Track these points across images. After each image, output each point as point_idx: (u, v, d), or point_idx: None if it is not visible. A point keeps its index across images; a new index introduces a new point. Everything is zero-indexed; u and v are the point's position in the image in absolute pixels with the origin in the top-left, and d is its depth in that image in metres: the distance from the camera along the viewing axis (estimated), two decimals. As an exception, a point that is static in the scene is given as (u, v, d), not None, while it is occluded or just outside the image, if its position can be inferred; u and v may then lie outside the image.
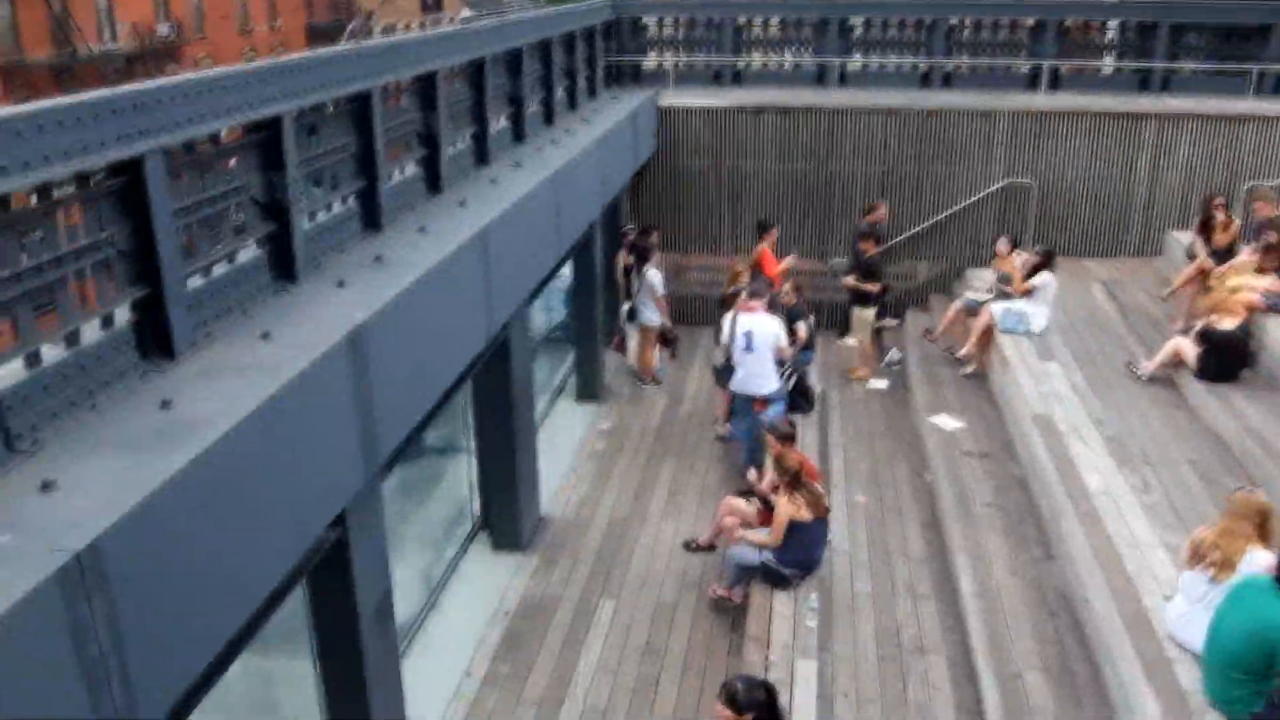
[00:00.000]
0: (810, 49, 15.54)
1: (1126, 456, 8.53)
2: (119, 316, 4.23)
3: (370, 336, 5.09)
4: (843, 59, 15.30)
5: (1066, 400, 9.65)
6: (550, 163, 9.17)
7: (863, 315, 12.44)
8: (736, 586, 8.30)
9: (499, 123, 9.33)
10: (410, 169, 7.46)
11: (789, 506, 7.75)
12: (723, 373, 10.36)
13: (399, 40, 7.82)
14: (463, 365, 7.14)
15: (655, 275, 12.25)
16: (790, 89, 15.00)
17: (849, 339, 13.00)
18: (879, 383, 12.42)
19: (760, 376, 9.80)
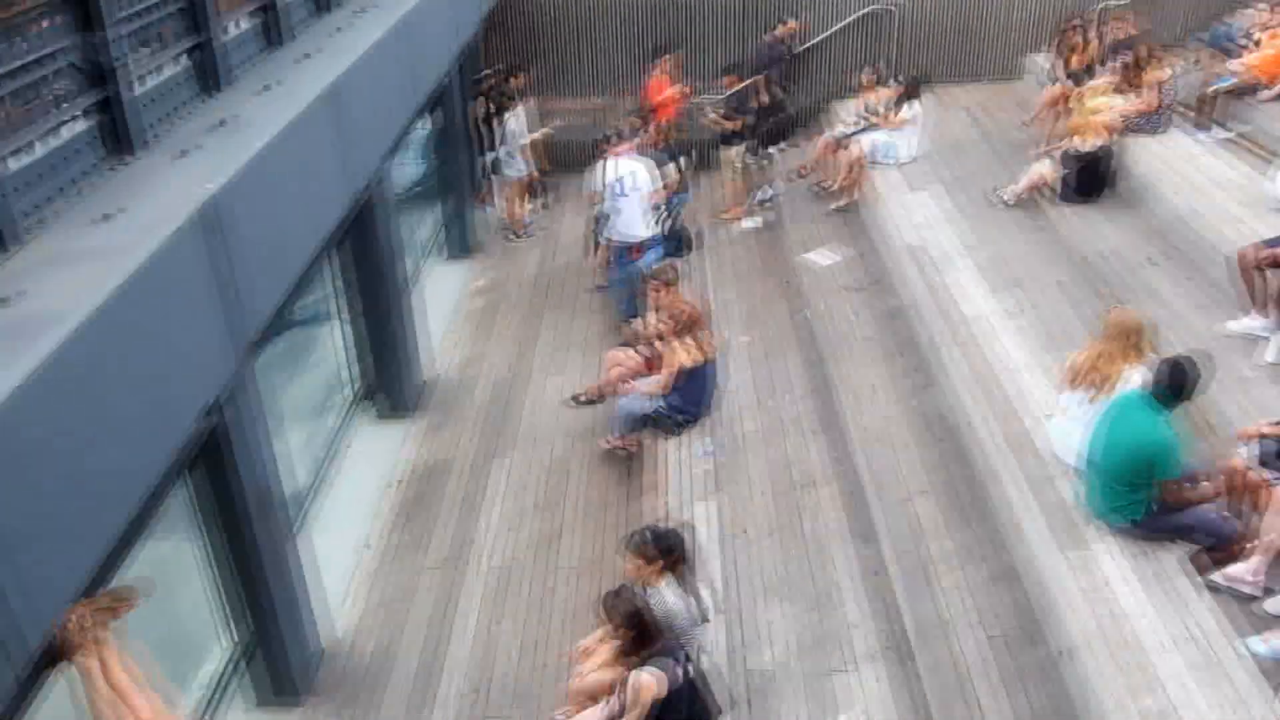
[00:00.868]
0: None
1: (998, 282, 8.75)
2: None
3: (223, 209, 4.67)
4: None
5: (938, 228, 9.80)
6: (398, 8, 8.52)
7: (727, 154, 12.28)
8: (629, 435, 8.31)
9: (339, -35, 8.57)
10: (246, 22, 6.80)
11: (678, 352, 7.71)
12: (597, 221, 10.12)
13: None
14: (326, 231, 6.72)
15: (516, 123, 11.77)
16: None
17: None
18: (752, 222, 12.32)
19: (634, 223, 9.61)
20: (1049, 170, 9.97)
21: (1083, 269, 8.93)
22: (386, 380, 8.99)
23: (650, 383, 8.01)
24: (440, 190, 12.11)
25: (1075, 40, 11.95)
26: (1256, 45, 10.67)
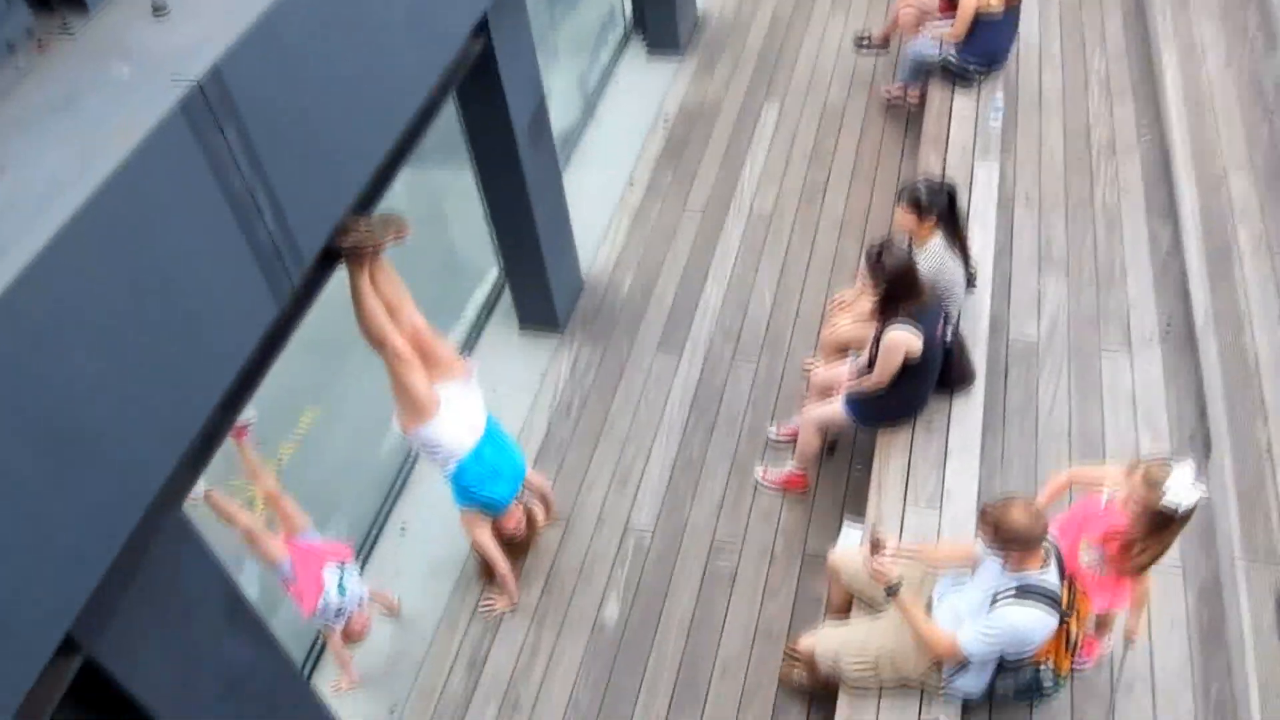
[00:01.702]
0: None
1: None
2: None
3: None
4: None
5: None
6: None
7: None
8: (913, 85, 7.70)
9: None
10: None
11: (975, -6, 6.87)
12: None
13: None
14: None
15: None
16: None
17: None
18: None
19: None
20: None
21: None
22: (658, 13, 8.63)
23: (942, 26, 7.25)
24: None
25: None
26: None
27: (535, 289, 6.38)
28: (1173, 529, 3.81)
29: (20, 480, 2.23)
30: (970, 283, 5.61)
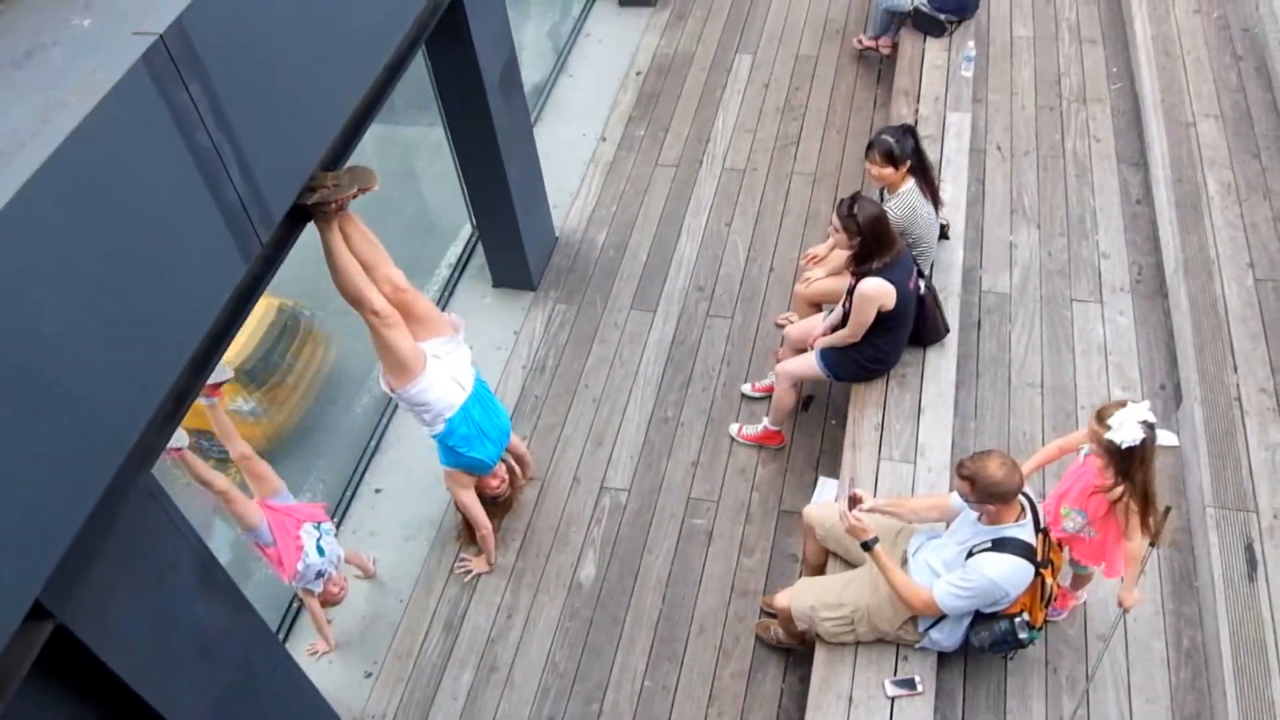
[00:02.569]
0: None
1: None
2: None
3: None
4: None
5: None
6: None
7: None
8: (884, 35, 7.64)
9: None
10: None
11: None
12: None
13: None
14: None
15: None
16: None
17: None
18: None
19: None
20: None
21: None
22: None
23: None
24: None
25: None
26: None
27: (508, 246, 6.31)
28: (1136, 468, 3.78)
29: (-13, 443, 2.18)
30: (944, 233, 5.61)
